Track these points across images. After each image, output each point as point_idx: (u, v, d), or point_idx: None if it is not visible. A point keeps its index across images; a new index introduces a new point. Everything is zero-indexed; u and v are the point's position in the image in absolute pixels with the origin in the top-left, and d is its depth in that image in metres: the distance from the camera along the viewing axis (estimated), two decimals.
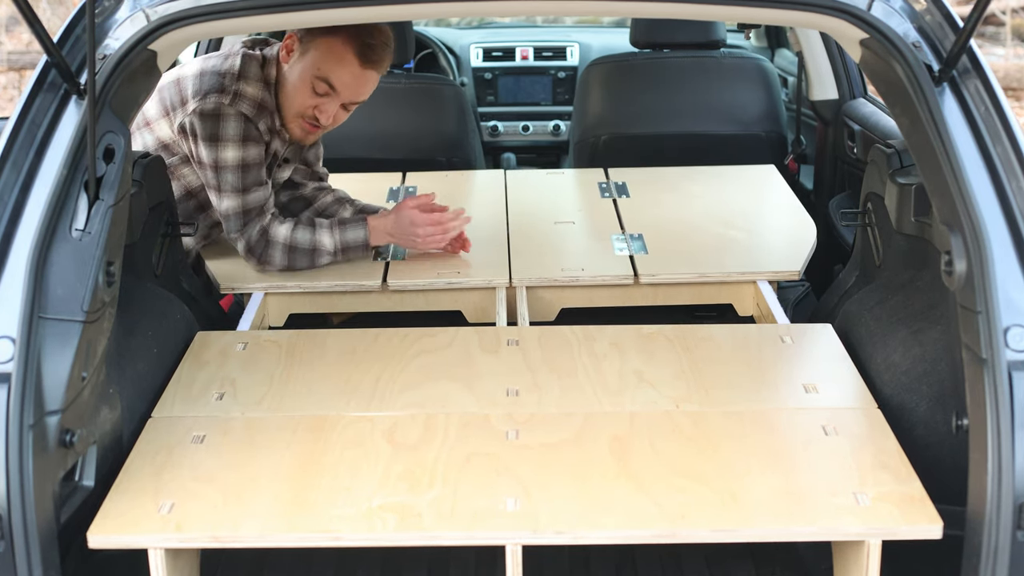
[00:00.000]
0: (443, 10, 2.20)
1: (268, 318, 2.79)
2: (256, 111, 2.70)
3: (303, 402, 2.16)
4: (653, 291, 2.82)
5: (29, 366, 1.67)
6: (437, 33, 5.10)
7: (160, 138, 2.77)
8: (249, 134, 2.68)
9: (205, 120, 2.66)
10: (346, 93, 2.69)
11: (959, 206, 1.81)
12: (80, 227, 1.85)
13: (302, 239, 2.77)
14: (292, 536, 1.78)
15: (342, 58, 2.64)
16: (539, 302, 2.79)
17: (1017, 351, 1.68)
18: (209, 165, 2.70)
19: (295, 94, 2.70)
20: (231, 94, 2.67)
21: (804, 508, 1.80)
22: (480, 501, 1.83)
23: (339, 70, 2.65)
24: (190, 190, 2.84)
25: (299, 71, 2.68)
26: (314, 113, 2.71)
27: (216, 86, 2.68)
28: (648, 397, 2.15)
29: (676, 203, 3.26)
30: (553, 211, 3.23)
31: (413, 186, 3.45)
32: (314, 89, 2.67)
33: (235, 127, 2.66)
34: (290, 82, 2.71)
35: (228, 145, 2.67)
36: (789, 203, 3.26)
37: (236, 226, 2.75)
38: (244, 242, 2.76)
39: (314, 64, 2.65)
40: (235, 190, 2.71)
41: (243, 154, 2.68)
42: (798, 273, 2.80)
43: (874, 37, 1.98)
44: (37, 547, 1.63)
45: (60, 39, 1.98)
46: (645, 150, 3.77)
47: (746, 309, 2.84)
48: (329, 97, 2.69)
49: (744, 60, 3.91)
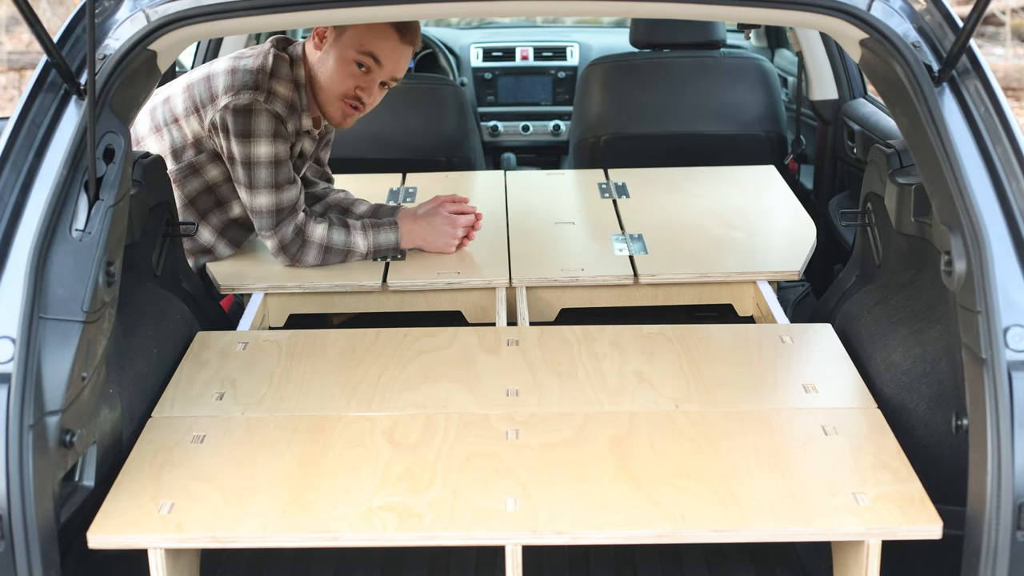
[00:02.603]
0: (443, 10, 2.20)
1: (268, 318, 2.79)
2: (288, 111, 2.73)
3: (303, 402, 2.16)
4: (653, 291, 2.82)
5: (29, 366, 1.67)
6: (437, 33, 5.10)
7: (189, 134, 2.78)
8: (280, 132, 2.71)
9: (238, 116, 2.67)
10: (388, 66, 2.73)
11: (959, 206, 1.81)
12: (80, 227, 1.85)
13: (337, 240, 2.81)
14: (292, 536, 1.78)
15: (383, 32, 2.68)
16: (539, 302, 2.79)
17: (1017, 351, 1.68)
18: (241, 161, 2.71)
19: (337, 76, 2.73)
20: (265, 92, 2.69)
21: (804, 508, 1.80)
22: (480, 501, 1.83)
23: (382, 43, 2.69)
24: (211, 185, 2.84)
25: (338, 52, 2.71)
26: (356, 92, 2.75)
27: (250, 83, 2.70)
28: (648, 397, 2.15)
29: (676, 203, 3.26)
30: (553, 211, 3.23)
31: (413, 187, 3.45)
32: (358, 66, 2.71)
33: (268, 123, 2.68)
34: (329, 65, 2.73)
35: (261, 141, 2.69)
36: (789, 203, 3.26)
37: (270, 223, 2.76)
38: (278, 240, 2.77)
39: (356, 41, 2.69)
40: (268, 187, 2.72)
41: (275, 150, 2.70)
42: (798, 273, 2.80)
43: (874, 37, 1.98)
44: (37, 547, 1.63)
45: (60, 39, 1.98)
46: (645, 150, 3.77)
47: (746, 309, 2.84)
48: (371, 74, 2.73)
49: (744, 60, 3.91)
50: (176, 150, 2.80)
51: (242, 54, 2.79)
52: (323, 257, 2.81)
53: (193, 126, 2.77)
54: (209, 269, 2.84)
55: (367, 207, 3.06)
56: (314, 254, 2.80)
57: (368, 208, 3.05)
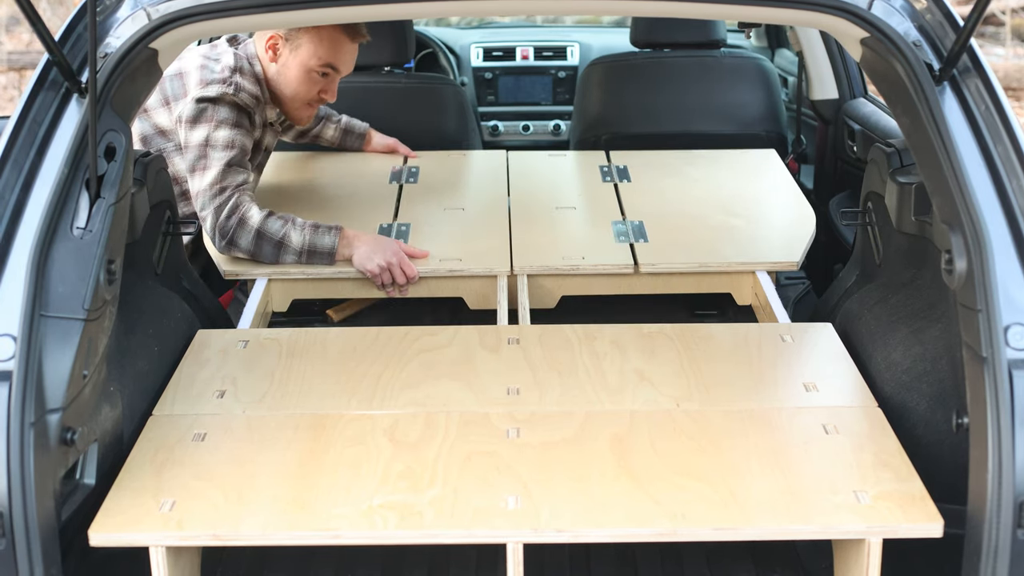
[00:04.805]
0: (443, 10, 2.21)
1: (272, 304, 2.81)
2: (254, 104, 2.86)
3: (304, 400, 2.16)
4: (653, 280, 2.84)
5: (30, 364, 1.67)
6: (437, 33, 5.11)
7: (157, 124, 2.91)
8: (241, 123, 2.81)
9: (205, 104, 2.78)
10: (344, 69, 2.94)
11: (959, 205, 1.81)
12: (81, 225, 1.85)
13: (273, 227, 2.74)
14: (293, 534, 1.78)
15: (336, 41, 2.86)
16: (540, 290, 2.81)
17: (1017, 349, 1.68)
18: (198, 144, 2.78)
19: (301, 86, 2.91)
20: (233, 85, 2.81)
21: (805, 506, 1.81)
22: (481, 499, 1.83)
23: (338, 53, 2.88)
24: (177, 178, 2.90)
25: (299, 64, 2.88)
26: (320, 96, 2.94)
27: (218, 78, 2.81)
28: (648, 396, 2.15)
29: (677, 188, 3.27)
30: (554, 196, 3.25)
31: (416, 166, 3.45)
32: (319, 75, 2.89)
33: (232, 113, 2.80)
34: (291, 77, 2.89)
35: (223, 127, 2.79)
36: (789, 189, 3.27)
37: (209, 200, 2.74)
38: (214, 216, 2.74)
39: (314, 54, 2.86)
40: (218, 165, 2.76)
41: (234, 137, 2.79)
42: (796, 264, 2.82)
43: (875, 36, 1.98)
44: (38, 544, 1.63)
45: (61, 38, 1.98)
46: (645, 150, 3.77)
47: (744, 299, 2.86)
48: (331, 77, 2.93)
49: (744, 60, 3.91)
50: (145, 137, 2.92)
51: (209, 53, 2.91)
52: (256, 244, 2.73)
53: (161, 118, 2.90)
54: (212, 255, 2.85)
55: (335, 129, 3.42)
56: (248, 238, 2.73)
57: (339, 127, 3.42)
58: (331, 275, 2.79)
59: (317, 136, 3.48)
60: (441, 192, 3.25)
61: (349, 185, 3.29)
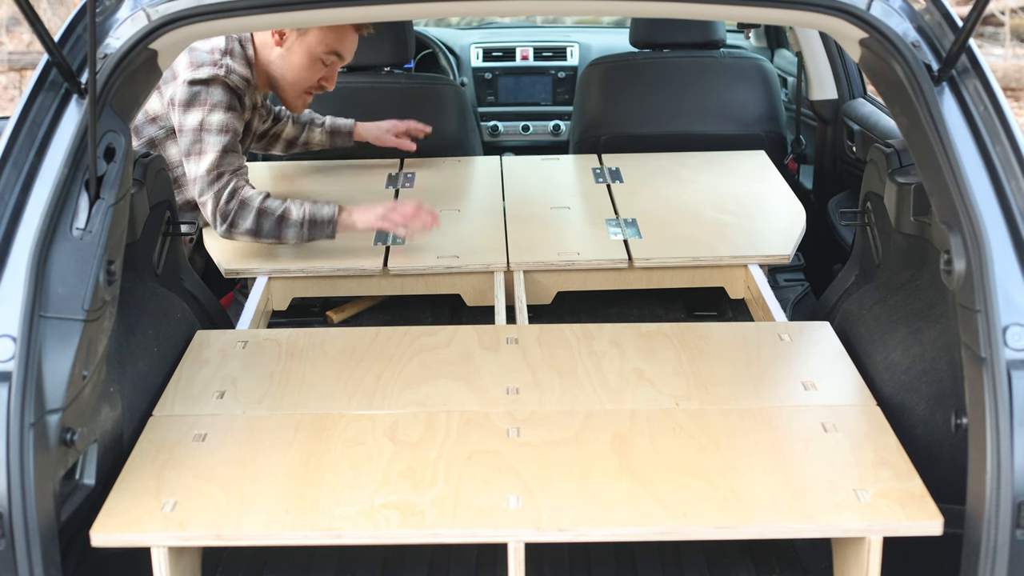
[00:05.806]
0: (443, 10, 2.21)
1: (272, 302, 2.82)
2: (244, 86, 2.87)
3: (304, 400, 2.16)
4: (647, 275, 2.88)
5: (30, 365, 1.67)
6: (437, 33, 5.10)
7: (147, 110, 2.90)
8: (234, 106, 2.83)
9: (197, 87, 2.79)
10: (347, 56, 2.98)
11: (958, 205, 1.81)
12: (81, 226, 1.85)
13: (272, 204, 2.79)
14: (294, 534, 1.78)
15: (343, 28, 2.90)
16: (536, 286, 2.84)
17: (1016, 350, 1.68)
18: (193, 128, 2.78)
19: (304, 72, 2.94)
20: (223, 67, 2.82)
21: (805, 505, 1.81)
22: (482, 499, 1.83)
23: (344, 41, 2.92)
24: (170, 165, 2.90)
25: (305, 51, 2.91)
26: (320, 84, 2.98)
27: (208, 60, 2.82)
28: (648, 395, 2.16)
29: (669, 188, 3.31)
30: (549, 197, 3.28)
31: (412, 172, 3.46)
32: (323, 63, 2.94)
33: (225, 95, 2.82)
34: (295, 63, 2.93)
35: (217, 110, 2.80)
36: (779, 188, 3.30)
37: (208, 186, 2.77)
38: (214, 200, 2.77)
39: (320, 42, 2.90)
40: (214, 150, 2.77)
41: (227, 120, 2.80)
42: (788, 257, 2.86)
43: (873, 36, 1.98)
44: (38, 545, 1.63)
45: (61, 38, 1.98)
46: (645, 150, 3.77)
47: (737, 292, 2.89)
48: (334, 66, 2.98)
49: (744, 60, 3.91)
50: (137, 126, 2.91)
51: None
52: (257, 222, 2.77)
53: (153, 103, 2.89)
54: (212, 253, 2.85)
55: (320, 129, 3.39)
56: (250, 217, 2.76)
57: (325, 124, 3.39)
58: (331, 272, 2.80)
59: (307, 143, 3.45)
60: (437, 196, 3.27)
61: (346, 191, 3.30)
